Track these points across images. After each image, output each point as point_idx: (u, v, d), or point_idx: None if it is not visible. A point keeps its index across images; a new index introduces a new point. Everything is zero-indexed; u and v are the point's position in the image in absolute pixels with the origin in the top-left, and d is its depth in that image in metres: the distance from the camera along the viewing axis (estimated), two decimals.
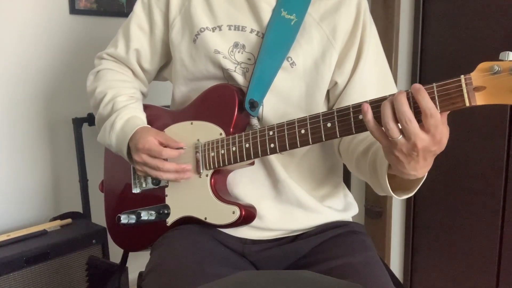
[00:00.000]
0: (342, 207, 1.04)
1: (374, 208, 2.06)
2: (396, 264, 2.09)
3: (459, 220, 1.84)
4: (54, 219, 1.52)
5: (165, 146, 0.94)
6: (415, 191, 0.80)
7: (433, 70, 1.85)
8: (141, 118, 1.00)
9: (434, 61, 1.84)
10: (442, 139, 0.68)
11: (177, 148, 0.95)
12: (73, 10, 1.58)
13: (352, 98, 0.95)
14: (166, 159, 0.94)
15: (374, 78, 0.97)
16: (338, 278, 0.75)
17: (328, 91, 0.99)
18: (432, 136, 0.67)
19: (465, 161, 1.76)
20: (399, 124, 0.68)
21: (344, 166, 1.11)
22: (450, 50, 1.78)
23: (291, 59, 0.94)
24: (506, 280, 1.73)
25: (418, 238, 2.01)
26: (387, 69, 1.01)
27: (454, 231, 1.86)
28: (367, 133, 0.90)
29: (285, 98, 0.96)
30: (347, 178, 1.30)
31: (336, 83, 0.97)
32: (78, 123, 1.55)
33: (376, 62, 0.98)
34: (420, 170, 0.73)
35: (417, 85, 0.66)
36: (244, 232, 0.97)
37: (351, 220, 1.05)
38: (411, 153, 0.69)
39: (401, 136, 0.68)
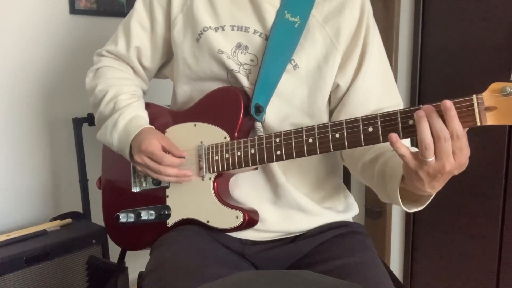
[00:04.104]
0: (343, 208, 1.04)
1: (374, 208, 2.06)
2: (396, 264, 2.09)
3: (459, 221, 1.84)
4: (54, 219, 1.52)
5: (167, 152, 0.94)
6: (426, 205, 0.80)
7: (433, 70, 1.85)
8: (145, 118, 1.00)
9: (434, 61, 1.84)
10: (465, 163, 0.69)
11: (179, 157, 0.94)
12: (73, 10, 1.58)
13: (354, 101, 0.94)
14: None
15: (377, 81, 0.96)
16: (338, 278, 0.75)
17: (329, 94, 0.99)
18: (459, 159, 0.67)
19: None
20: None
21: (344, 167, 1.10)
22: (450, 50, 1.78)
23: (294, 62, 0.93)
24: (506, 280, 1.73)
25: (418, 238, 2.00)
26: (389, 72, 1.00)
27: (454, 231, 1.86)
28: None
29: (288, 101, 0.95)
30: (347, 179, 1.30)
31: (338, 85, 0.96)
32: (78, 123, 1.55)
33: (379, 65, 0.97)
34: (437, 188, 0.73)
35: (448, 103, 0.66)
36: (244, 233, 0.97)
37: (351, 220, 1.05)
38: (436, 175, 0.69)
39: (433, 158, 0.67)
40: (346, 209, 1.04)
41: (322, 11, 0.96)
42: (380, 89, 0.96)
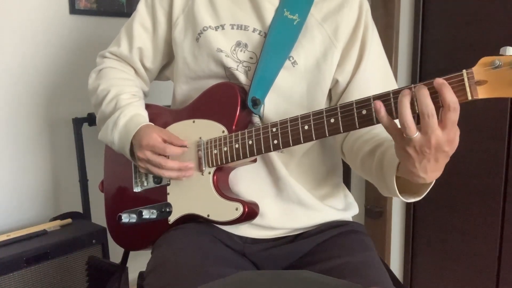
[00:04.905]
0: (343, 207, 1.04)
1: (374, 208, 2.06)
2: (396, 264, 2.09)
3: (459, 220, 1.84)
4: (54, 219, 1.52)
5: (168, 143, 0.94)
6: (423, 195, 0.79)
7: (433, 70, 1.85)
8: (144, 116, 1.01)
9: (434, 61, 1.84)
10: (454, 139, 0.68)
11: (181, 146, 0.95)
12: (73, 10, 1.59)
13: (354, 96, 0.94)
14: (168, 157, 0.94)
15: (376, 77, 0.97)
16: (337, 278, 0.75)
17: (330, 90, 1.00)
18: (448, 133, 0.67)
19: (465, 161, 1.77)
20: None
21: (344, 166, 1.11)
22: (450, 50, 1.78)
23: (293, 58, 0.94)
24: (506, 280, 1.73)
25: (418, 238, 2.01)
26: (388, 70, 1.01)
27: (454, 231, 1.86)
28: (373, 133, 0.90)
29: (287, 97, 0.96)
30: (347, 178, 1.30)
31: (337, 81, 0.97)
32: (78, 123, 1.55)
33: (378, 62, 0.99)
34: (430, 173, 0.72)
35: (440, 80, 0.66)
36: (245, 231, 0.97)
37: (351, 219, 1.05)
38: (424, 150, 0.68)
39: (417, 133, 0.68)
40: (346, 208, 1.05)
41: (321, 10, 0.97)
42: (379, 85, 0.97)
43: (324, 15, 0.97)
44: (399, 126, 0.70)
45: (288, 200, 0.98)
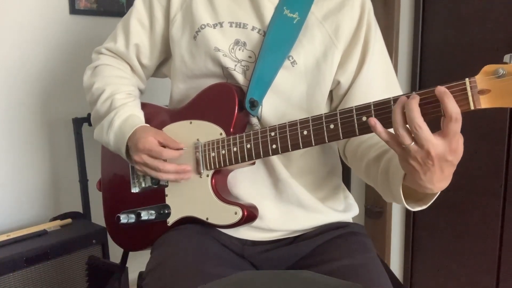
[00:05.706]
0: (343, 208, 1.04)
1: (374, 208, 2.06)
2: (396, 264, 2.09)
3: (459, 220, 1.84)
4: (54, 219, 1.52)
5: (164, 146, 0.93)
6: (429, 204, 0.78)
7: (433, 70, 1.85)
8: (140, 117, 1.00)
9: (434, 61, 1.84)
10: (458, 148, 0.67)
11: (177, 149, 0.94)
12: (73, 10, 1.58)
13: (357, 98, 0.94)
14: (165, 160, 0.93)
15: (379, 78, 0.96)
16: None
17: (331, 92, 0.99)
18: (449, 143, 0.65)
19: (465, 162, 1.76)
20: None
21: (344, 166, 1.10)
22: (450, 50, 1.78)
23: (292, 58, 0.93)
24: (506, 280, 1.73)
25: (418, 238, 2.01)
26: (391, 70, 1.00)
27: (454, 231, 1.86)
28: (378, 138, 0.90)
29: (286, 97, 0.95)
30: (347, 179, 1.30)
31: (339, 82, 0.96)
32: (78, 123, 1.55)
33: (381, 63, 0.97)
34: (437, 183, 0.71)
35: (442, 88, 0.65)
36: (244, 233, 0.97)
37: (351, 221, 1.05)
38: (426, 162, 0.67)
39: (413, 143, 0.67)
40: (346, 209, 1.04)
41: (321, 9, 0.96)
42: (382, 86, 0.96)
43: (325, 13, 0.96)
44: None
45: (288, 202, 0.97)
